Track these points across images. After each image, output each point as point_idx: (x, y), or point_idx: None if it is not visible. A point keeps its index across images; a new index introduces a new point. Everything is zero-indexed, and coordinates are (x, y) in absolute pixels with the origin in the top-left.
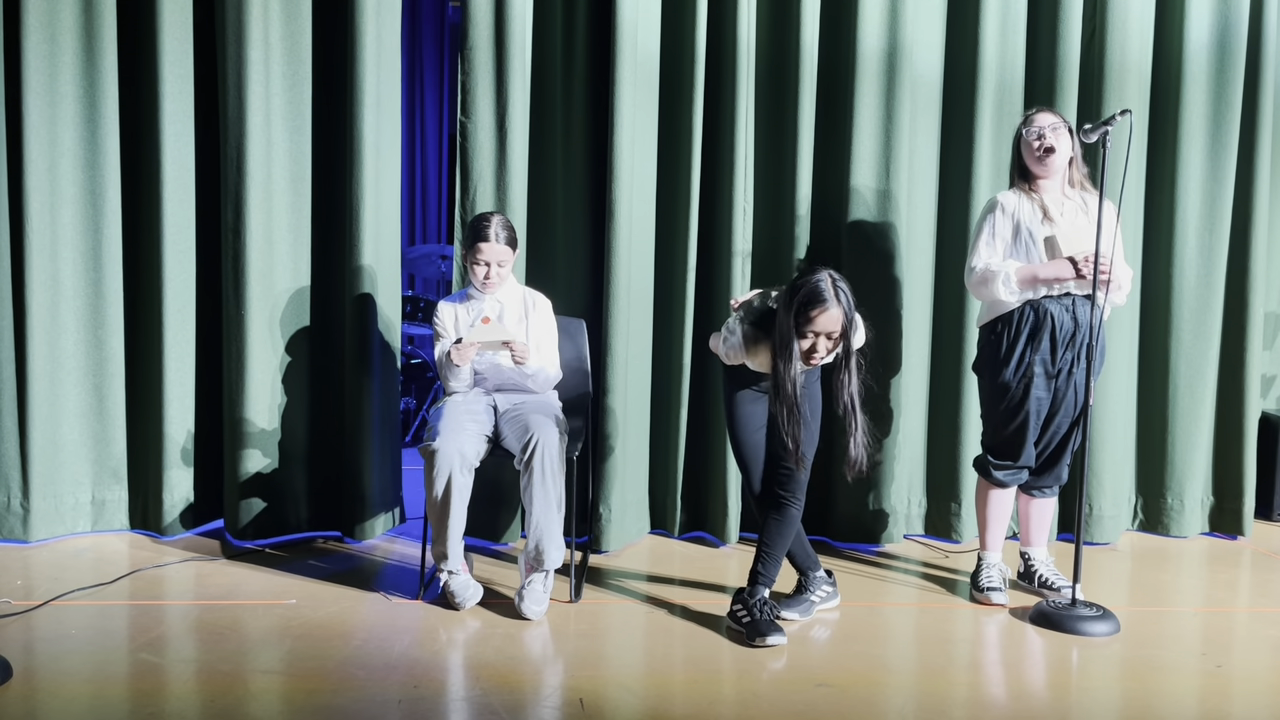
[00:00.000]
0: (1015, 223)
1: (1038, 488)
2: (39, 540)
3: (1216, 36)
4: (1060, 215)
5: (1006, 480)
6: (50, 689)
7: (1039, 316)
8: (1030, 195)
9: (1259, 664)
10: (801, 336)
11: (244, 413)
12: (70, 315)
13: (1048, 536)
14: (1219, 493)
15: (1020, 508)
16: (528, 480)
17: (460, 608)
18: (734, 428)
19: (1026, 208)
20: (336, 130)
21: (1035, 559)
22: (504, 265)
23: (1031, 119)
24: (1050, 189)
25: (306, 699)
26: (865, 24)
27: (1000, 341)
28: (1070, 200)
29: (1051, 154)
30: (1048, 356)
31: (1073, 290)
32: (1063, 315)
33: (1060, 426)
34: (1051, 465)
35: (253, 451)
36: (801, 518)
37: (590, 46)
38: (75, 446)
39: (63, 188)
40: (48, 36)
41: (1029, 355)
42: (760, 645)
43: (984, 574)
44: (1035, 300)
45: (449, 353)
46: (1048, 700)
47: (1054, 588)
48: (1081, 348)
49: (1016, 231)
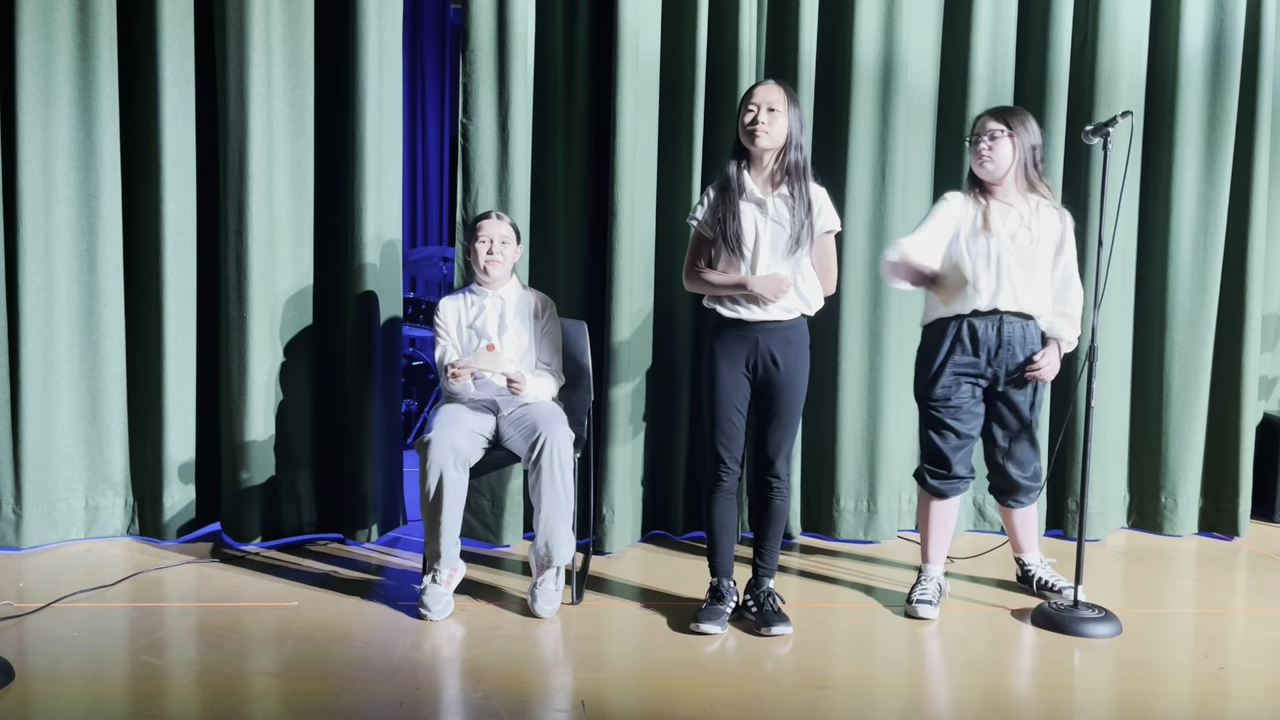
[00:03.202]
0: (956, 225)
1: (1004, 499)
2: (31, 547)
3: (1212, 40)
4: (1003, 224)
5: (945, 490)
6: (51, 691)
7: (960, 329)
8: (977, 201)
9: (1261, 666)
10: (743, 114)
11: (245, 415)
12: (64, 318)
13: (1037, 540)
14: (1215, 493)
15: (1003, 517)
16: (536, 478)
17: (426, 619)
18: (714, 398)
19: (970, 213)
20: (338, 132)
21: (1030, 564)
22: (506, 244)
23: (976, 125)
24: (1001, 195)
25: (308, 701)
26: (861, 32)
27: (926, 350)
28: (1015, 208)
29: (987, 162)
30: (975, 369)
31: (1000, 307)
32: (987, 331)
33: (998, 439)
34: (998, 475)
35: (253, 453)
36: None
37: (592, 49)
38: (69, 451)
39: (58, 189)
40: (43, 35)
41: (949, 367)
42: (767, 635)
43: (918, 586)
44: (963, 314)
45: (447, 368)
46: (1050, 702)
47: (1055, 589)
48: (1014, 363)
49: (957, 235)
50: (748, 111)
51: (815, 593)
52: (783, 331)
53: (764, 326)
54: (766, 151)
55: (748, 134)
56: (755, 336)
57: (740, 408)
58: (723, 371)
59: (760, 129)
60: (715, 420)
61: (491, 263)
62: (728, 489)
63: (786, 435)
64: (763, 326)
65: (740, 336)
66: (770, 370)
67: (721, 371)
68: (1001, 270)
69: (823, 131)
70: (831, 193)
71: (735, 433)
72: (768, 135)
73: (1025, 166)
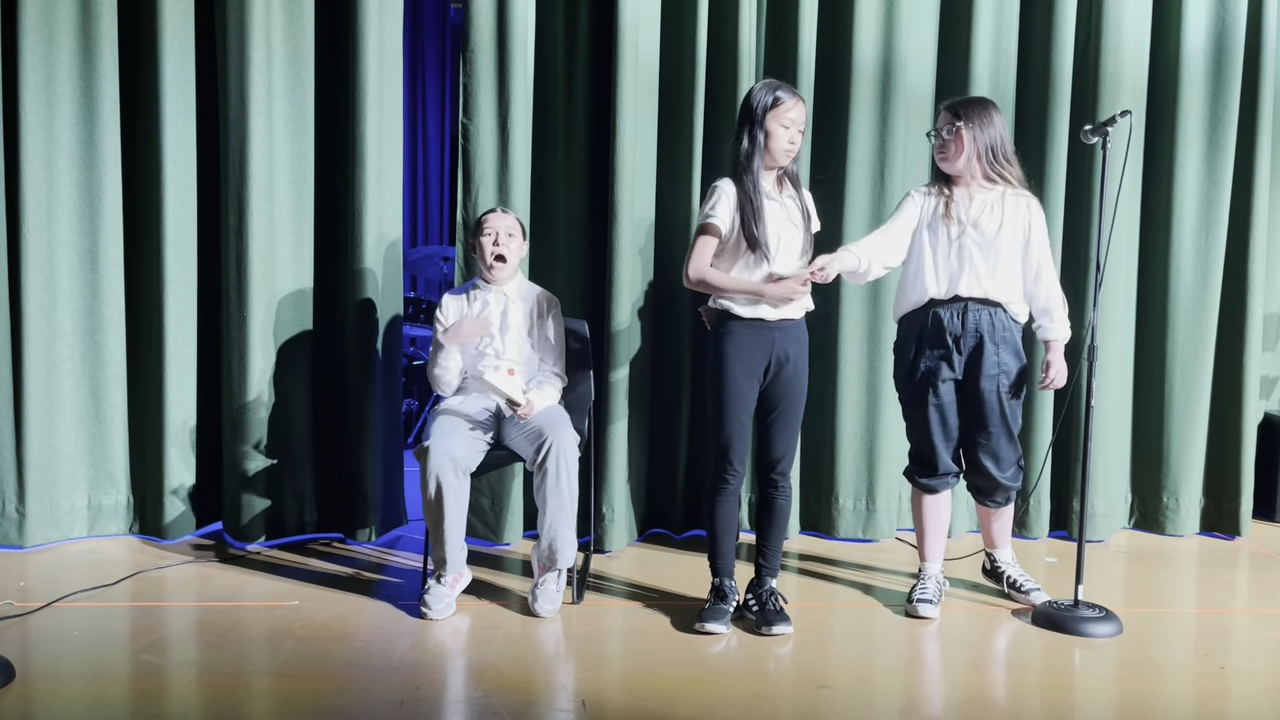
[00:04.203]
0: (917, 219)
1: (982, 499)
2: (35, 546)
3: (1214, 39)
4: (966, 213)
5: (934, 485)
6: (52, 691)
7: (926, 320)
8: (940, 192)
9: (1262, 666)
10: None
11: (245, 414)
12: (67, 317)
13: (1009, 537)
14: (1216, 493)
15: (979, 514)
16: (541, 480)
17: (427, 618)
18: (724, 401)
19: (932, 203)
20: (339, 131)
21: (1001, 561)
22: (513, 237)
23: (937, 119)
24: (964, 185)
25: (309, 700)
26: (861, 32)
27: (900, 345)
28: (978, 198)
29: (942, 156)
30: (946, 359)
31: (962, 294)
32: (952, 319)
33: (974, 434)
34: (976, 474)
35: (254, 453)
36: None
37: (592, 49)
38: (72, 450)
39: (60, 188)
40: (45, 36)
41: (923, 359)
42: (767, 634)
43: (918, 586)
44: (932, 304)
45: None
46: (1050, 702)
47: (1023, 590)
48: (987, 356)
49: (920, 225)
50: (785, 129)
51: (815, 592)
52: (794, 329)
53: (782, 325)
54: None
55: (785, 154)
56: (773, 336)
57: (749, 409)
58: (736, 374)
59: (795, 149)
60: (724, 423)
61: (498, 254)
62: (731, 490)
63: (792, 436)
64: (780, 325)
65: (758, 337)
66: (783, 368)
67: (735, 374)
68: (963, 256)
69: (823, 131)
70: (831, 192)
71: (744, 435)
72: (794, 157)
73: (984, 157)
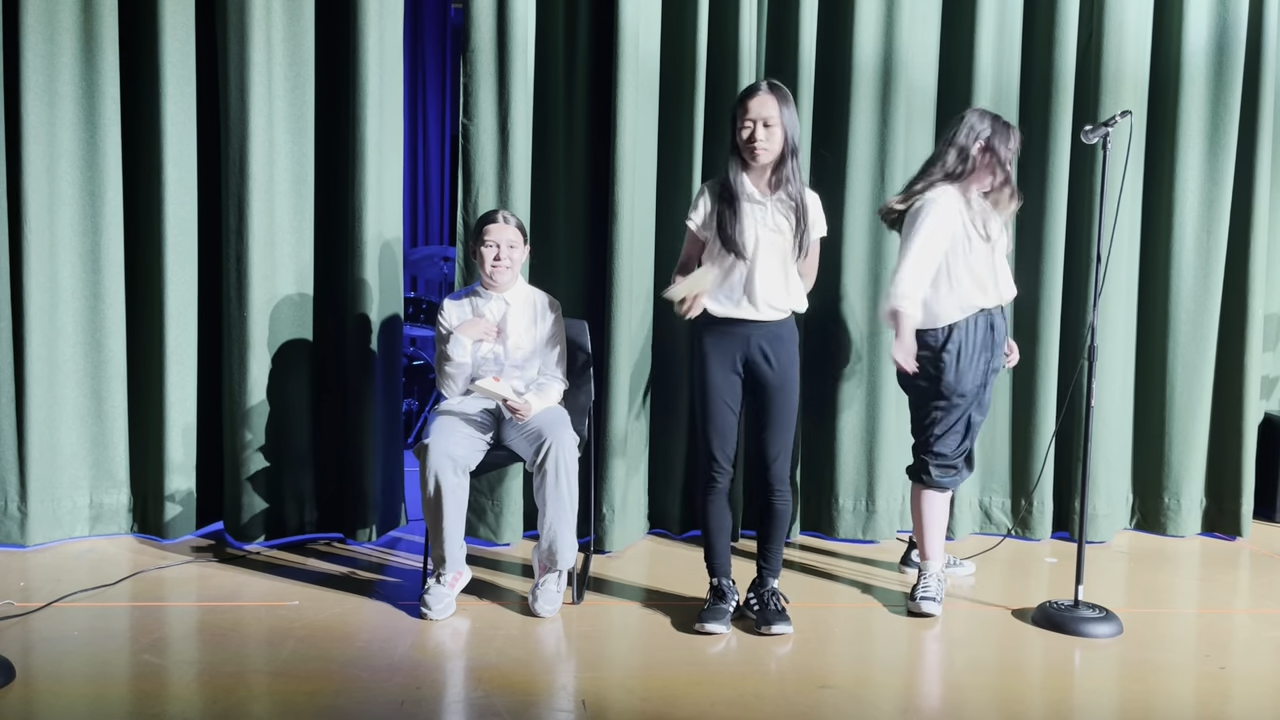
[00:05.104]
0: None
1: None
2: (36, 545)
3: (1215, 39)
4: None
5: (955, 483)
6: (52, 691)
7: (986, 323)
8: None
9: (1262, 666)
10: (739, 128)
11: (245, 414)
12: (69, 317)
13: None
14: (1217, 493)
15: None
16: (541, 481)
17: (427, 618)
18: (706, 396)
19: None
20: (339, 132)
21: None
22: (514, 248)
23: None
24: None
25: (309, 700)
26: (861, 32)
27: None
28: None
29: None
30: (995, 362)
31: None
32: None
33: (977, 426)
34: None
35: (254, 453)
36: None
37: (592, 49)
38: (73, 450)
39: (61, 189)
40: (46, 37)
41: (980, 361)
42: (767, 634)
43: (920, 584)
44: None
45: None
46: (1050, 702)
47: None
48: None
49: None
50: (744, 127)
51: (815, 592)
52: (774, 328)
53: (756, 325)
54: (766, 164)
55: (748, 150)
56: (747, 334)
57: (733, 405)
58: (714, 369)
59: (759, 146)
60: (708, 418)
61: (498, 269)
62: (721, 490)
63: (784, 438)
64: (755, 325)
65: (731, 334)
66: (762, 368)
67: (713, 369)
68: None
69: (823, 132)
70: (832, 193)
71: (729, 431)
72: (766, 151)
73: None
